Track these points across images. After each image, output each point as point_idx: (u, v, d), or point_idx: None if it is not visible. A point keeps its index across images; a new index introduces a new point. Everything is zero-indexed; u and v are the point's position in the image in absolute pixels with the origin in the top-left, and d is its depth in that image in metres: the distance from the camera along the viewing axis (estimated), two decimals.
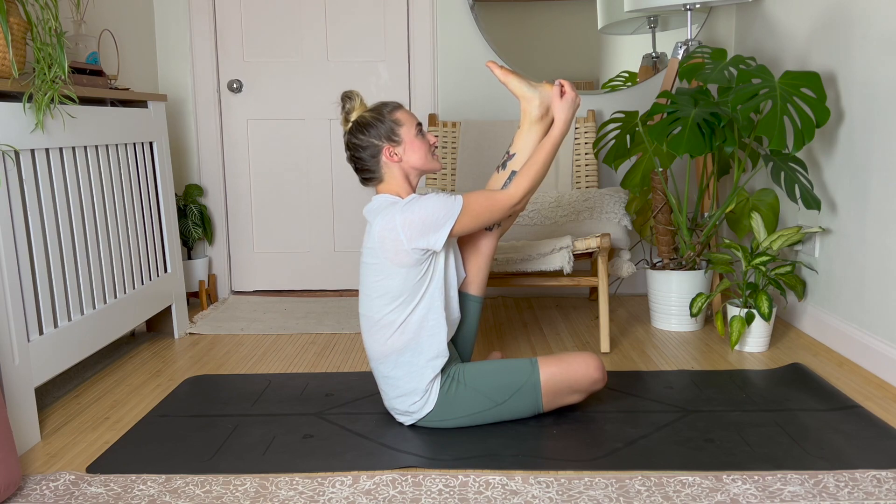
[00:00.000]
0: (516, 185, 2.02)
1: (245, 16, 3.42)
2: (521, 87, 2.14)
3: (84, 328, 2.22)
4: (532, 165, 2.04)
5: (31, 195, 2.00)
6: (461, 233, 1.94)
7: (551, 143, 2.07)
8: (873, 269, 2.36)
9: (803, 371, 2.34)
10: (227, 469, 1.75)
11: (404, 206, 1.89)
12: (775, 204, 2.78)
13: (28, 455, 1.87)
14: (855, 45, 2.43)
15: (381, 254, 1.90)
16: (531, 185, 2.03)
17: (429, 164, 2.02)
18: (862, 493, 1.59)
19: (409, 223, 1.86)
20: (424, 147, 2.01)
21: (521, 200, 2.02)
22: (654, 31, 3.34)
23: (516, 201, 2.01)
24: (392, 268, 1.89)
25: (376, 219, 1.92)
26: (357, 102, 2.02)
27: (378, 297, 1.92)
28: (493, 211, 1.98)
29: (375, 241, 1.90)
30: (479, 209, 1.94)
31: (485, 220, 1.97)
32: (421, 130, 2.02)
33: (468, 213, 1.93)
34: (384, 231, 1.88)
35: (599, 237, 2.51)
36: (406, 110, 2.03)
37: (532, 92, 2.13)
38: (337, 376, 2.39)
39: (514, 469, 1.73)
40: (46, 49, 1.96)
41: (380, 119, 1.97)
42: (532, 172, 2.03)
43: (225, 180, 3.53)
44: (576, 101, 2.13)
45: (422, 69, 3.40)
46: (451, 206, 1.90)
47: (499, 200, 1.99)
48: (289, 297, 3.53)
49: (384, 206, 1.94)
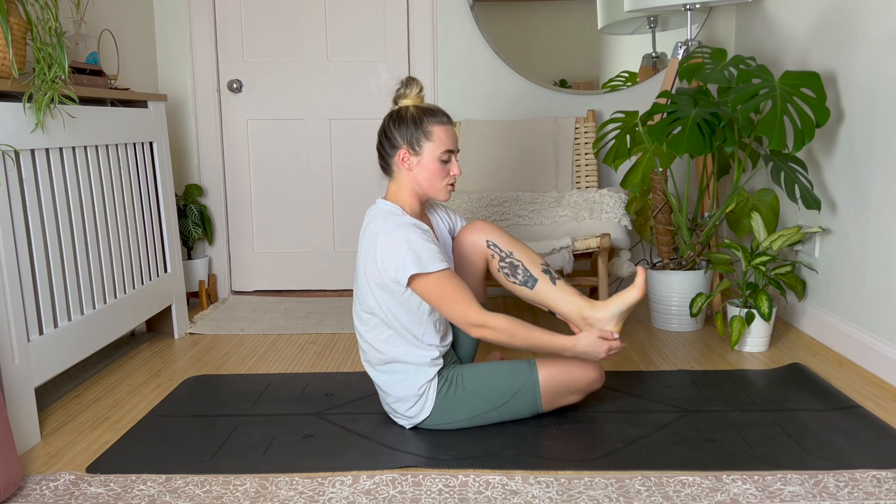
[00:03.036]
0: (490, 327, 1.79)
1: (245, 16, 3.42)
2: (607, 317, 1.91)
3: (84, 328, 2.22)
4: (517, 335, 1.80)
5: (31, 195, 2.00)
6: (419, 294, 1.82)
7: (548, 346, 1.84)
8: (873, 269, 2.36)
9: (803, 371, 2.34)
10: (227, 469, 1.75)
11: (392, 229, 1.82)
12: (775, 204, 2.78)
13: (28, 455, 1.87)
14: (855, 45, 2.43)
15: (361, 267, 1.88)
16: (496, 339, 1.81)
17: (432, 191, 1.92)
18: (862, 493, 1.59)
19: (387, 249, 1.81)
20: (439, 173, 1.90)
21: (474, 332, 1.81)
22: (654, 31, 3.34)
23: (472, 328, 1.80)
24: (370, 285, 1.87)
25: (371, 224, 1.88)
26: (413, 91, 1.93)
27: (362, 309, 1.92)
28: (450, 311, 1.80)
29: (366, 248, 1.87)
30: (443, 294, 1.79)
31: (439, 306, 1.80)
32: (450, 157, 1.91)
33: (434, 286, 1.79)
34: (369, 245, 1.85)
35: (599, 237, 2.51)
36: (449, 128, 1.91)
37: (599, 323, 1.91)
38: (337, 376, 2.39)
39: (514, 469, 1.73)
40: (46, 49, 1.96)
41: (416, 122, 1.89)
42: (509, 337, 1.80)
43: (225, 180, 3.53)
44: (609, 356, 1.89)
45: (422, 69, 3.40)
46: (425, 261, 1.78)
47: (462, 312, 1.79)
48: (289, 297, 3.53)
49: (381, 216, 1.88)
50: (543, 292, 1.95)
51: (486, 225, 2.03)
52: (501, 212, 2.93)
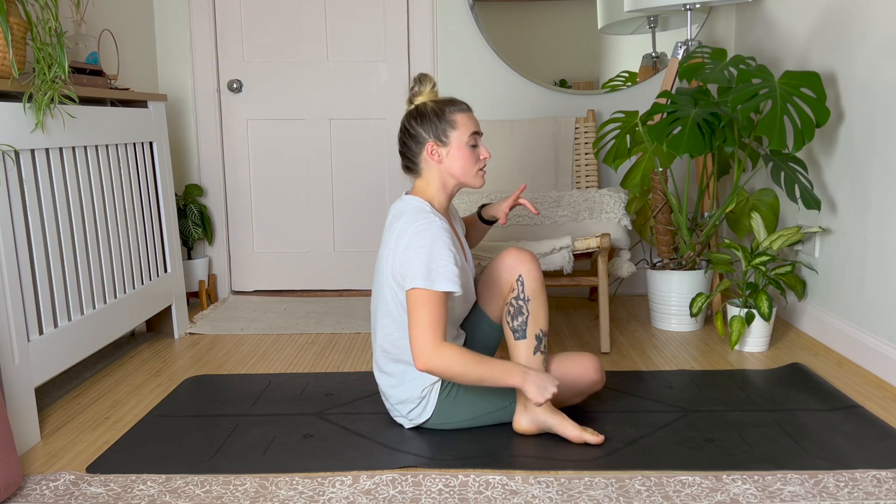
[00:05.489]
0: (444, 357, 1.72)
1: (245, 16, 3.42)
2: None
3: (84, 328, 2.22)
4: (466, 368, 1.72)
5: (31, 195, 2.00)
6: (407, 299, 1.78)
7: (495, 379, 1.75)
8: (873, 270, 2.36)
9: (803, 371, 2.34)
10: (227, 469, 1.75)
11: (422, 227, 1.79)
12: (775, 204, 2.78)
13: (28, 455, 1.87)
14: (855, 45, 2.43)
15: (385, 263, 1.86)
16: (444, 373, 1.74)
17: (467, 178, 1.90)
18: (862, 493, 1.59)
19: (408, 248, 1.79)
20: (470, 158, 1.89)
21: (423, 365, 1.74)
22: (654, 31, 3.34)
23: (422, 360, 1.73)
24: (390, 281, 1.86)
25: (398, 220, 1.85)
26: (427, 88, 1.92)
27: (379, 307, 1.91)
28: (416, 327, 1.74)
29: (391, 244, 1.85)
30: (424, 311, 1.74)
31: (411, 317, 1.76)
32: (476, 140, 1.90)
33: (424, 299, 1.74)
34: (393, 240, 1.83)
35: (599, 237, 2.51)
36: (470, 114, 1.90)
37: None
38: (337, 376, 2.39)
39: (514, 469, 1.73)
40: (46, 49, 1.96)
41: (437, 114, 1.87)
42: (458, 372, 1.73)
43: (225, 180, 3.53)
44: (543, 400, 1.76)
45: (422, 69, 3.40)
46: (434, 278, 1.75)
47: (426, 335, 1.73)
48: (289, 297, 3.53)
49: (410, 211, 1.85)
50: (518, 351, 1.89)
51: (531, 262, 1.92)
52: None
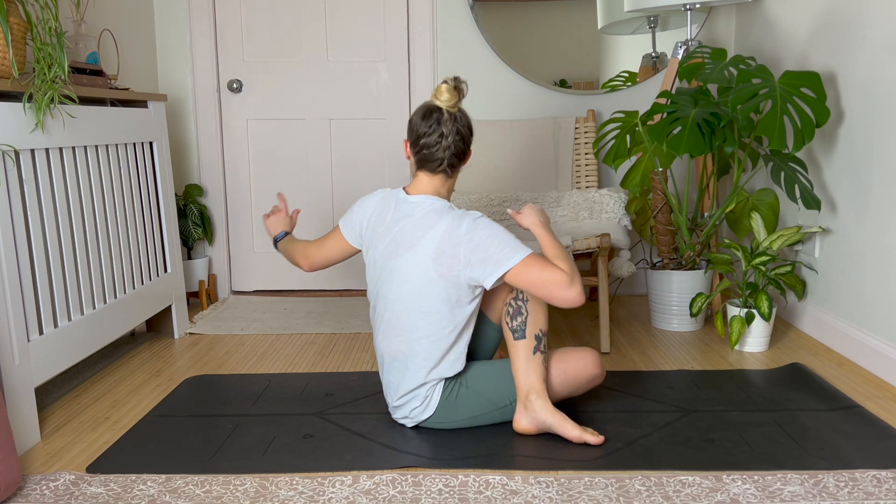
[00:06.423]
0: (577, 280, 1.76)
1: (245, 16, 3.42)
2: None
3: (84, 328, 2.22)
4: (556, 257, 1.81)
5: (31, 195, 2.00)
6: (512, 283, 1.80)
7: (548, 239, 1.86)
8: (873, 269, 2.36)
9: (803, 371, 2.34)
10: (227, 469, 1.75)
11: (475, 220, 1.81)
12: (775, 204, 2.78)
13: (28, 455, 1.87)
14: (855, 45, 2.43)
15: (433, 264, 1.82)
16: (572, 270, 1.79)
17: None
18: (862, 493, 1.59)
19: (473, 241, 1.79)
20: None
21: (578, 295, 1.77)
22: (654, 31, 3.34)
23: (574, 295, 1.76)
24: (439, 281, 1.82)
25: (441, 220, 1.83)
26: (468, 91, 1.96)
27: (421, 314, 1.86)
28: (547, 289, 1.77)
29: (432, 247, 1.82)
30: (538, 267, 1.77)
31: (538, 292, 1.78)
32: None
33: (525, 270, 1.77)
34: (447, 236, 1.81)
35: (599, 237, 2.51)
36: None
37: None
38: (337, 376, 2.39)
39: (514, 469, 1.73)
40: (46, 49, 1.96)
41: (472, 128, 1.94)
42: (563, 260, 1.80)
43: (225, 180, 3.53)
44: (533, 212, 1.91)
45: (422, 69, 3.40)
46: (516, 247, 1.78)
47: (558, 287, 1.76)
48: (289, 297, 3.53)
49: (444, 209, 1.85)
50: (517, 351, 1.89)
51: None
52: (501, 212, 2.92)
